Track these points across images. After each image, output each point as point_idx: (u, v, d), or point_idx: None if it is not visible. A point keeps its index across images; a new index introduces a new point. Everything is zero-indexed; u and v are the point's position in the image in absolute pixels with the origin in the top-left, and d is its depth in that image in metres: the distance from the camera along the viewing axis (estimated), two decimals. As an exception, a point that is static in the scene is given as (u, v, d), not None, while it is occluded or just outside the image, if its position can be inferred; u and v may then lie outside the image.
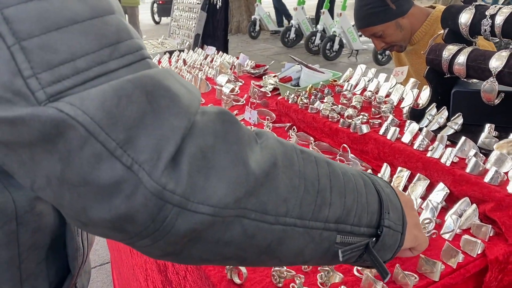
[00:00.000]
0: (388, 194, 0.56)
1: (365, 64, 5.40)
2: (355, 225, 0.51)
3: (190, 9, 2.75)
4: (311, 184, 0.46)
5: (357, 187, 0.52)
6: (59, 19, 0.36)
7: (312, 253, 0.49)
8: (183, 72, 2.14)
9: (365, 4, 1.63)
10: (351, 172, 0.53)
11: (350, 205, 0.50)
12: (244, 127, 0.44)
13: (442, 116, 1.10)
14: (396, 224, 0.55)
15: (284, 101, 1.45)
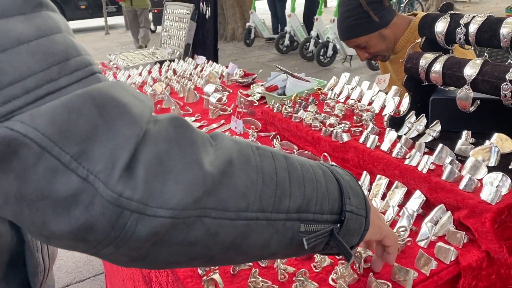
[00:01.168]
0: (348, 181, 0.59)
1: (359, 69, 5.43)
2: (318, 213, 0.53)
3: (180, 19, 2.77)
4: (269, 177, 0.48)
5: (316, 177, 0.54)
6: (5, 41, 0.37)
7: (278, 244, 0.51)
8: (172, 82, 2.16)
9: (348, 16, 1.65)
10: (309, 163, 0.55)
11: (310, 194, 0.52)
12: (197, 130, 0.45)
13: (421, 123, 1.11)
14: (358, 208, 0.58)
15: (269, 110, 1.46)
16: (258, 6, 9.34)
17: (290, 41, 8.36)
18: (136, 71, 2.45)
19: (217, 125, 1.60)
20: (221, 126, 1.59)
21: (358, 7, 1.61)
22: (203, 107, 1.80)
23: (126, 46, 10.83)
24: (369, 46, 1.68)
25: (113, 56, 2.86)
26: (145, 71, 2.44)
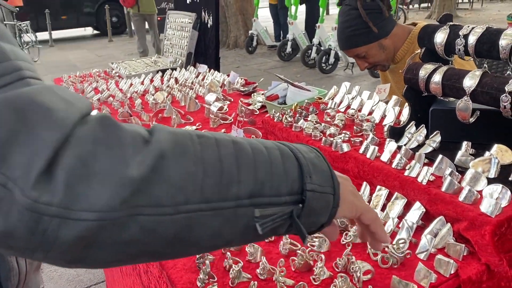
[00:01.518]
0: (311, 158, 0.57)
1: (361, 76, 5.44)
2: (274, 196, 0.51)
3: (182, 28, 2.79)
4: (212, 166, 0.47)
5: (271, 159, 0.53)
6: None
7: (232, 232, 0.50)
8: (174, 91, 2.16)
9: (348, 26, 1.65)
10: (264, 145, 0.54)
11: (264, 177, 0.51)
12: (127, 129, 0.45)
13: (421, 134, 1.11)
14: (322, 186, 0.56)
15: (269, 119, 1.46)
16: (261, 14, 9.39)
17: (292, 48, 8.40)
18: (138, 80, 2.46)
19: (218, 134, 1.60)
20: (222, 135, 1.59)
21: (358, 17, 1.61)
22: (204, 116, 1.81)
23: (129, 54, 10.89)
24: (368, 56, 1.69)
25: (115, 65, 2.88)
26: (147, 79, 2.45)
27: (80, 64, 9.59)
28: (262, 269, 0.82)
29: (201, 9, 2.66)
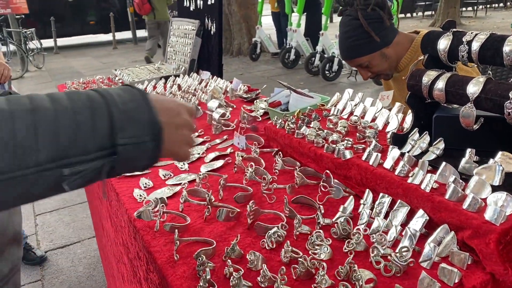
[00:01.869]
0: (130, 109, 0.61)
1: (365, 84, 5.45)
2: (82, 155, 0.57)
3: (186, 35, 2.80)
4: (3, 141, 0.51)
5: (78, 120, 0.57)
6: None
7: (42, 191, 0.56)
8: (177, 97, 2.16)
9: (349, 36, 1.65)
10: (73, 107, 0.58)
11: (68, 141, 0.55)
12: None
13: (424, 141, 1.10)
14: (138, 137, 0.60)
15: (272, 126, 1.46)
16: (264, 21, 9.44)
17: (295, 56, 8.42)
18: (141, 86, 2.46)
19: (220, 141, 1.60)
20: (224, 142, 1.59)
21: (359, 27, 1.61)
22: (207, 123, 1.81)
23: (133, 61, 10.94)
24: (371, 66, 1.68)
25: (119, 71, 2.89)
26: (150, 86, 2.45)
27: (84, 71, 9.65)
28: (263, 277, 0.81)
29: (204, 16, 2.67)
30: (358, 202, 1.04)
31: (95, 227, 2.42)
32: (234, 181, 1.25)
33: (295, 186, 1.17)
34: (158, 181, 1.30)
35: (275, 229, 0.95)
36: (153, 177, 1.33)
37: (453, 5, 12.46)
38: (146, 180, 1.30)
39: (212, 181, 1.25)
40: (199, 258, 0.87)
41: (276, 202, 1.12)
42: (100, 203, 1.72)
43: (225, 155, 1.46)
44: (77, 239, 3.14)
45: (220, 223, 1.04)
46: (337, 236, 0.94)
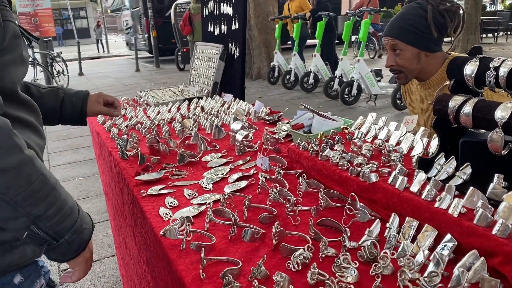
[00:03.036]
0: (83, 230, 0.99)
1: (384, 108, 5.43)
2: (49, 230, 0.91)
3: (209, 59, 2.86)
4: (29, 191, 0.85)
5: (65, 211, 0.94)
6: None
7: (15, 225, 0.88)
8: (200, 119, 2.21)
9: (407, 19, 1.68)
10: (70, 207, 0.97)
11: (52, 221, 0.91)
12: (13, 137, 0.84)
13: (451, 165, 1.10)
14: (73, 244, 0.98)
15: (295, 148, 1.47)
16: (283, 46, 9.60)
17: (314, 79, 8.49)
18: (165, 108, 2.52)
19: (243, 162, 1.62)
20: (247, 163, 1.60)
21: (421, 17, 1.65)
22: (230, 144, 1.83)
23: (155, 83, 11.17)
24: (401, 56, 1.69)
25: (144, 93, 2.96)
26: (174, 107, 2.50)
27: (107, 92, 9.87)
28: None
29: (228, 41, 2.73)
30: (384, 226, 1.03)
31: (117, 245, 2.44)
32: (258, 202, 1.26)
33: (320, 209, 1.17)
34: (183, 201, 1.32)
35: (301, 251, 0.95)
36: (178, 196, 1.35)
37: (473, 32, 12.43)
38: (172, 199, 1.32)
39: (236, 201, 1.26)
40: (225, 277, 0.88)
41: (300, 224, 1.12)
42: (124, 221, 1.74)
43: (249, 176, 1.47)
44: (96, 257, 3.17)
45: (245, 243, 1.05)
46: (364, 259, 0.93)
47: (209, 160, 1.66)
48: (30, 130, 1.03)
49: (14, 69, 0.98)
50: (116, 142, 1.87)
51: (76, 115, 1.48)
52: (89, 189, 4.44)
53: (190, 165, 1.62)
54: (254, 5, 10.12)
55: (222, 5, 2.76)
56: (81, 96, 1.48)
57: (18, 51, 0.99)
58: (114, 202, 2.04)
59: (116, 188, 1.82)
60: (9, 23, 0.96)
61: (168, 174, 1.53)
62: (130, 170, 1.60)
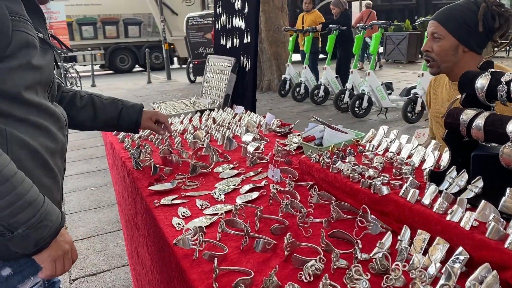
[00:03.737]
0: (44, 224, 0.99)
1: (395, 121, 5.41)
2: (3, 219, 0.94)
3: (221, 71, 2.90)
4: None
5: (19, 204, 0.95)
6: None
7: None
8: (211, 130, 2.23)
9: (457, 9, 1.68)
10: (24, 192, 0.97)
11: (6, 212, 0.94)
12: None
13: (462, 179, 1.10)
14: (30, 240, 0.98)
15: (306, 160, 1.48)
16: (294, 58, 9.66)
17: (324, 92, 8.50)
18: (178, 119, 2.55)
19: (254, 173, 1.63)
20: (259, 174, 1.62)
21: (472, 12, 1.65)
22: (241, 155, 1.85)
23: (166, 94, 11.29)
24: (440, 44, 1.69)
25: (156, 105, 3.01)
26: (186, 119, 2.54)
27: (119, 104, 9.99)
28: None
29: (240, 54, 2.77)
30: (395, 238, 1.04)
31: (129, 255, 2.46)
32: (269, 213, 1.27)
33: (331, 221, 1.18)
34: (196, 211, 1.34)
35: (313, 262, 0.96)
36: (191, 207, 1.37)
37: (485, 45, 12.41)
38: (184, 209, 1.34)
39: (248, 212, 1.27)
40: (238, 287, 0.89)
41: (312, 236, 1.13)
42: (137, 231, 1.76)
43: (260, 187, 1.48)
44: (107, 267, 3.18)
45: (256, 254, 1.06)
46: (375, 271, 0.94)
47: (220, 171, 1.67)
48: (39, 132, 1.10)
49: (19, 75, 1.04)
50: (130, 152, 1.90)
51: (131, 125, 1.65)
52: (100, 199, 4.48)
53: (202, 176, 1.64)
54: (265, 18, 10.22)
55: (235, 19, 2.81)
56: (137, 109, 1.66)
57: (27, 58, 1.05)
58: (126, 212, 2.06)
59: (129, 198, 1.85)
60: (21, 33, 1.03)
61: (181, 184, 1.55)
62: (143, 180, 1.63)
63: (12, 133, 1.01)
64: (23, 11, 1.06)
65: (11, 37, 1.00)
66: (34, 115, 1.08)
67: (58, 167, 1.15)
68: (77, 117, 1.49)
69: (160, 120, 1.73)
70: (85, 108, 1.53)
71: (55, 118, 1.16)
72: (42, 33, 1.14)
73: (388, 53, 14.82)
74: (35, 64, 1.07)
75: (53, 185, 1.12)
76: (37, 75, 1.09)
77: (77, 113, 1.50)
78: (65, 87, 1.52)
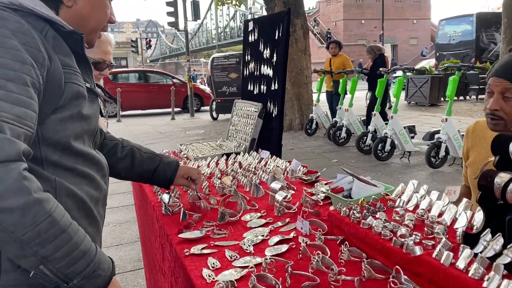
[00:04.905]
0: (97, 276, 1.00)
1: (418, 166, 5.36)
2: (57, 271, 0.93)
3: (248, 116, 2.97)
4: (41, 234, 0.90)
5: (73, 254, 0.95)
6: None
7: (20, 258, 0.91)
8: (238, 175, 2.27)
9: None
10: (85, 248, 0.99)
11: (60, 263, 0.93)
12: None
13: (498, 242, 1.09)
14: None
15: (336, 213, 1.49)
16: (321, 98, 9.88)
17: (346, 134, 8.52)
18: (204, 162, 2.60)
19: (282, 223, 1.64)
20: (287, 225, 1.63)
21: None
22: (269, 203, 1.86)
23: (188, 131, 11.49)
24: (510, 103, 1.55)
25: (184, 146, 3.07)
26: (213, 162, 2.58)
27: (144, 139, 10.21)
28: None
29: (267, 100, 2.84)
30: (429, 302, 1.02)
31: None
32: (299, 268, 1.27)
33: (363, 279, 1.17)
34: (225, 262, 1.35)
35: (346, 325, 0.95)
36: (220, 257, 1.38)
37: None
38: (214, 259, 1.35)
39: (278, 266, 1.28)
40: None
41: (343, 294, 1.12)
42: (163, 276, 1.77)
43: (289, 239, 1.49)
44: (126, 307, 3.17)
45: (288, 311, 1.06)
46: (411, 338, 0.92)
47: (248, 220, 1.69)
48: (85, 181, 1.14)
49: (70, 125, 1.09)
50: (159, 197, 1.94)
51: (165, 181, 1.71)
52: (122, 236, 4.51)
53: (231, 224, 1.65)
54: (288, 60, 10.45)
55: (263, 67, 2.89)
56: (173, 167, 1.71)
57: (78, 109, 1.11)
58: (152, 256, 2.08)
59: (156, 242, 1.87)
60: (72, 85, 1.08)
61: (210, 232, 1.57)
62: (172, 226, 1.65)
63: (61, 183, 1.05)
64: (74, 63, 1.13)
65: (63, 89, 1.06)
66: (81, 164, 1.13)
67: (101, 215, 1.19)
68: (115, 166, 1.53)
69: (192, 178, 1.77)
70: (125, 159, 1.57)
71: (99, 167, 1.21)
72: (89, 82, 1.21)
73: (410, 95, 14.86)
74: (84, 114, 1.13)
75: (95, 234, 1.15)
76: (85, 124, 1.15)
77: (116, 163, 1.54)
78: (107, 134, 1.58)
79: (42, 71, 0.99)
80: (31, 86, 0.95)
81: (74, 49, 1.14)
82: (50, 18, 1.07)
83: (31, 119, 0.93)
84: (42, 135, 1.03)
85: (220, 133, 10.75)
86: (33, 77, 0.96)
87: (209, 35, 66.52)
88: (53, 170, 1.06)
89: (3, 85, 0.88)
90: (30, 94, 0.94)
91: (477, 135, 1.95)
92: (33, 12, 1.05)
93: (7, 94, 0.89)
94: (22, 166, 0.88)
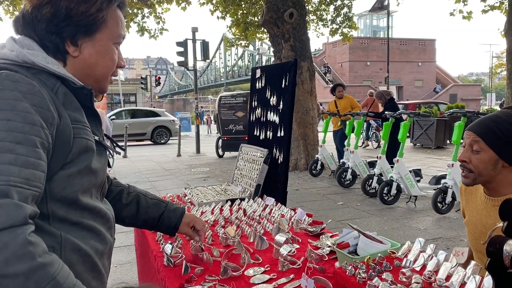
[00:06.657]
0: None
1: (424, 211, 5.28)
2: None
3: (254, 161, 2.97)
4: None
5: None
6: None
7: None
8: (242, 224, 2.24)
9: (499, 123, 1.61)
10: None
11: None
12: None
13: (509, 313, 1.05)
14: None
15: (341, 271, 1.46)
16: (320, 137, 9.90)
17: (352, 176, 8.48)
18: (209, 208, 2.58)
19: (286, 279, 1.60)
20: (291, 282, 1.59)
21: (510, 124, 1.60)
22: (272, 256, 1.83)
23: (194, 168, 11.50)
24: (478, 156, 1.62)
25: (188, 191, 3.06)
26: (217, 209, 2.56)
27: (148, 176, 10.22)
28: None
29: (273, 146, 2.85)
30: None
31: None
32: (303, 331, 1.23)
33: None
34: (227, 322, 1.31)
35: None
36: (222, 317, 1.34)
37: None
38: (215, 319, 1.31)
39: (281, 328, 1.24)
40: None
41: None
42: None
43: (293, 297, 1.45)
44: None
45: None
46: None
47: (252, 275, 1.65)
48: (91, 234, 1.13)
49: (78, 180, 1.09)
50: (162, 247, 1.91)
51: (169, 229, 1.69)
52: (123, 277, 4.42)
53: (233, 280, 1.62)
54: (294, 101, 10.59)
55: (269, 113, 2.93)
56: (178, 214, 1.69)
57: (86, 163, 1.11)
58: (152, 307, 2.03)
59: (157, 294, 1.83)
60: (81, 140, 1.09)
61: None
62: (173, 280, 1.62)
63: (66, 238, 1.05)
64: (84, 118, 1.14)
65: (72, 144, 1.07)
66: (87, 218, 1.12)
67: (105, 268, 1.17)
68: (119, 213, 1.52)
69: (196, 227, 1.75)
70: (130, 205, 1.56)
71: (105, 219, 1.20)
72: (98, 135, 1.21)
73: (416, 137, 14.87)
74: (93, 168, 1.13)
75: (99, 287, 1.13)
76: (93, 178, 1.15)
77: (120, 210, 1.53)
78: (113, 180, 1.58)
79: (51, 130, 1.01)
80: (40, 147, 0.96)
81: (84, 103, 1.16)
82: (62, 75, 1.10)
83: (39, 179, 0.94)
84: (50, 191, 1.04)
85: (225, 171, 10.74)
86: (43, 137, 0.97)
87: (218, 73, 67.98)
88: (59, 225, 1.05)
89: (12, 149, 0.90)
90: (39, 155, 0.95)
91: (470, 191, 1.94)
92: (46, 70, 1.08)
93: (16, 158, 0.90)
94: (29, 229, 0.88)
